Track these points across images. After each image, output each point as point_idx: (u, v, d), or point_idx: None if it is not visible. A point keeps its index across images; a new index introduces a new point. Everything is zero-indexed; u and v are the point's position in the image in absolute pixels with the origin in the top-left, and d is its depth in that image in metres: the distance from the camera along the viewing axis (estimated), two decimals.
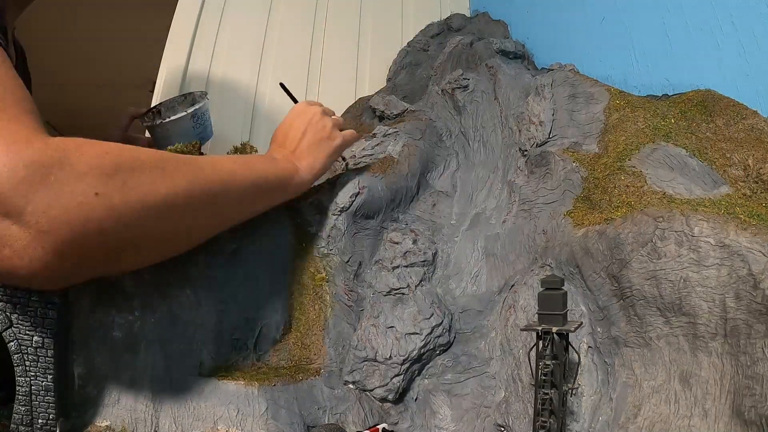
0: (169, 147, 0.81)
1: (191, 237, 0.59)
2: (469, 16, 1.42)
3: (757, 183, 0.64)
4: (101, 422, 0.56)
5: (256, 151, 0.92)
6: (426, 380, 0.72)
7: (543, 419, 0.55)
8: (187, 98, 1.01)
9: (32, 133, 0.43)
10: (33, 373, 0.51)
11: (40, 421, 0.52)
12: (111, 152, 0.47)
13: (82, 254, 0.44)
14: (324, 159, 0.73)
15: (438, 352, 0.74)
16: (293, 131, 0.74)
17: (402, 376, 0.70)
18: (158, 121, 0.91)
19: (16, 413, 0.51)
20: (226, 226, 0.64)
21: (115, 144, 0.49)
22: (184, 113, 0.89)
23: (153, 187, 0.48)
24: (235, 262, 0.69)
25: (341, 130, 0.78)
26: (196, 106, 0.91)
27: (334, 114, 0.80)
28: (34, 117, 0.46)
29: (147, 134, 1.03)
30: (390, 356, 0.70)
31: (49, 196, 0.40)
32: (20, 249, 0.40)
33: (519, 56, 1.09)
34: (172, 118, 0.89)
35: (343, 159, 0.88)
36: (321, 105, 0.78)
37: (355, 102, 1.29)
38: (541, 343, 0.56)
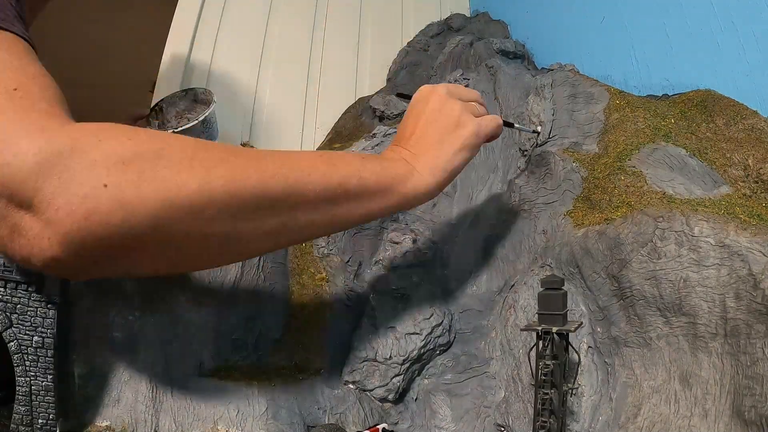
0: None
1: (231, 248, 0.46)
2: (469, 16, 1.42)
3: (757, 183, 0.64)
4: (101, 422, 0.56)
5: None
6: (426, 380, 0.72)
7: (543, 419, 0.55)
8: (188, 93, 0.99)
9: (49, 120, 0.40)
10: (33, 373, 0.51)
11: (40, 421, 0.52)
12: (135, 138, 0.40)
13: (87, 249, 0.39)
14: (450, 155, 0.56)
15: (438, 352, 0.74)
16: (410, 121, 0.58)
17: (402, 376, 0.70)
18: (170, 130, 0.89)
19: (16, 413, 0.51)
20: (293, 240, 0.52)
21: (149, 130, 0.43)
22: (196, 122, 0.87)
23: (176, 182, 0.40)
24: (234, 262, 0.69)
25: (479, 116, 0.60)
26: (207, 113, 0.89)
27: (469, 95, 0.63)
28: (57, 104, 0.42)
29: None
30: (390, 356, 0.70)
31: (55, 185, 0.37)
32: (31, 238, 0.38)
33: (519, 56, 1.09)
34: (184, 127, 0.87)
35: (509, 125, 0.69)
36: (448, 85, 0.61)
37: (355, 102, 1.29)
38: (541, 343, 0.56)
